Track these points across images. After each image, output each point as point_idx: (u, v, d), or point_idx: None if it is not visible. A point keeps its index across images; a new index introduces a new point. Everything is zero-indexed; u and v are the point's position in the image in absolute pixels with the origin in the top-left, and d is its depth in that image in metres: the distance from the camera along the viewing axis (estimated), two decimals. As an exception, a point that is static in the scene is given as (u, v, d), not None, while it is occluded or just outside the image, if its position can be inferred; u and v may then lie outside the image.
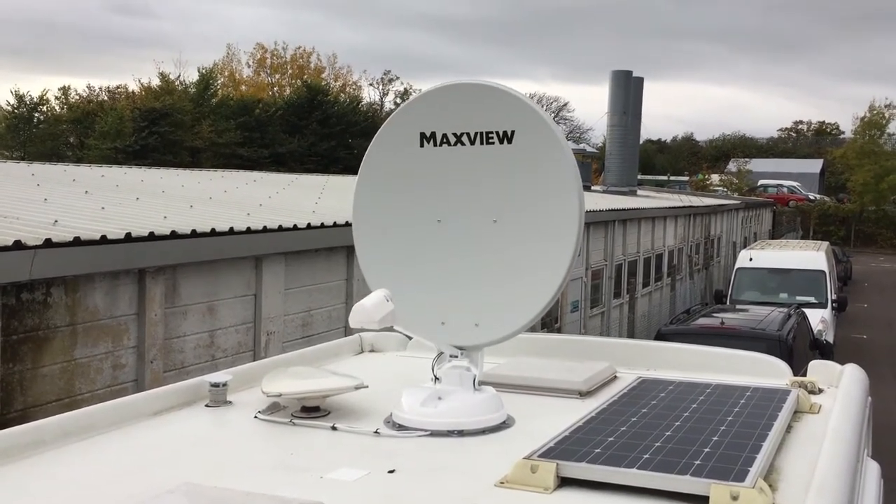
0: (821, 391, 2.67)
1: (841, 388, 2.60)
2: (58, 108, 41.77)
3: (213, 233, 6.48)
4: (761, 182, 61.36)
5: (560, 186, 2.37)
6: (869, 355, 18.84)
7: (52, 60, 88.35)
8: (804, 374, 2.82)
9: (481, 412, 2.28)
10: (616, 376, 2.81)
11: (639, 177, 34.30)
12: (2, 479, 1.89)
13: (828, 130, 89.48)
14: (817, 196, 61.99)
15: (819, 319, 16.76)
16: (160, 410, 2.41)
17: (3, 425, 2.19)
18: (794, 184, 62.15)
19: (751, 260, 20.33)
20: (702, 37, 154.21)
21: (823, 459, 1.88)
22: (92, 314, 5.56)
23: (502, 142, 2.41)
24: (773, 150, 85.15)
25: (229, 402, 2.50)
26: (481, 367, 2.47)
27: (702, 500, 1.69)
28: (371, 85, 77.44)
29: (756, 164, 68.05)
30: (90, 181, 10.70)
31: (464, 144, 2.45)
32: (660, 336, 12.42)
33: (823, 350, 13.85)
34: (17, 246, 4.83)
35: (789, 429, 2.24)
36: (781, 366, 2.90)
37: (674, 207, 23.40)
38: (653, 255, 20.81)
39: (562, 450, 1.92)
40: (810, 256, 20.23)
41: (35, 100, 40.30)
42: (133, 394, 2.55)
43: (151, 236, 5.84)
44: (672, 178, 63.94)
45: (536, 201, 2.39)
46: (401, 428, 2.23)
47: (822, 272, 19.38)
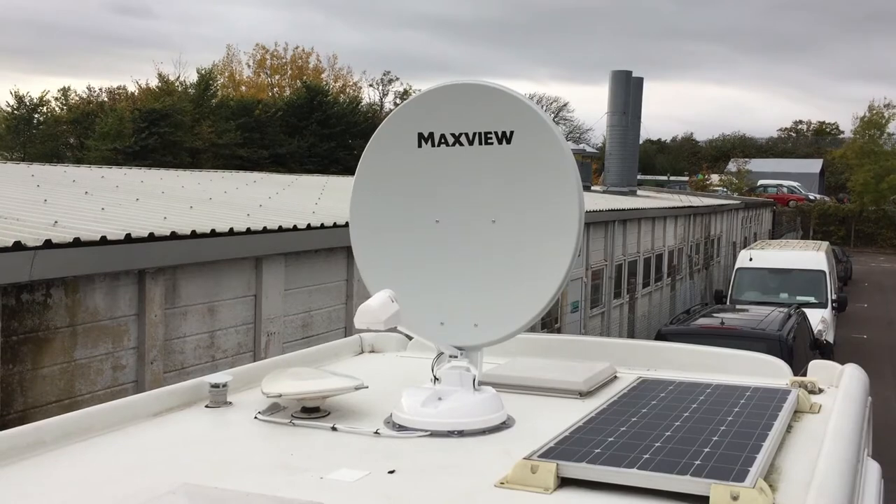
0: (821, 391, 2.67)
1: (841, 387, 2.60)
2: (58, 108, 41.72)
3: (213, 233, 6.48)
4: (761, 182, 61.38)
5: (559, 187, 2.37)
6: (869, 355, 18.85)
7: (51, 61, 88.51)
8: (804, 374, 2.82)
9: (481, 412, 2.27)
10: (616, 376, 2.81)
11: (639, 177, 34.31)
12: (2, 480, 1.89)
13: (828, 130, 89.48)
14: (817, 196, 61.98)
15: (819, 319, 16.77)
16: (160, 411, 2.41)
17: (3, 426, 2.19)
18: (794, 184, 62.16)
19: (751, 260, 20.33)
20: (702, 37, 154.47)
21: (823, 459, 1.88)
22: (92, 315, 5.56)
23: (501, 142, 2.41)
24: (773, 150, 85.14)
25: (229, 403, 2.50)
26: (481, 368, 2.46)
27: (702, 501, 1.69)
28: (371, 85, 77.24)
29: (756, 164, 68.09)
30: (90, 182, 10.70)
31: (462, 145, 2.45)
32: (660, 336, 12.42)
33: (823, 350, 13.85)
34: (17, 247, 4.83)
35: (789, 429, 2.24)
36: (781, 366, 2.90)
37: (674, 207, 23.40)
38: (653, 255, 20.82)
39: (562, 450, 1.92)
40: (810, 256, 20.22)
41: (35, 101, 40.27)
42: (133, 395, 2.55)
43: (151, 237, 5.84)
44: (672, 178, 63.92)
45: (536, 202, 2.38)
46: (401, 428, 2.23)
47: (823, 272, 19.39)
